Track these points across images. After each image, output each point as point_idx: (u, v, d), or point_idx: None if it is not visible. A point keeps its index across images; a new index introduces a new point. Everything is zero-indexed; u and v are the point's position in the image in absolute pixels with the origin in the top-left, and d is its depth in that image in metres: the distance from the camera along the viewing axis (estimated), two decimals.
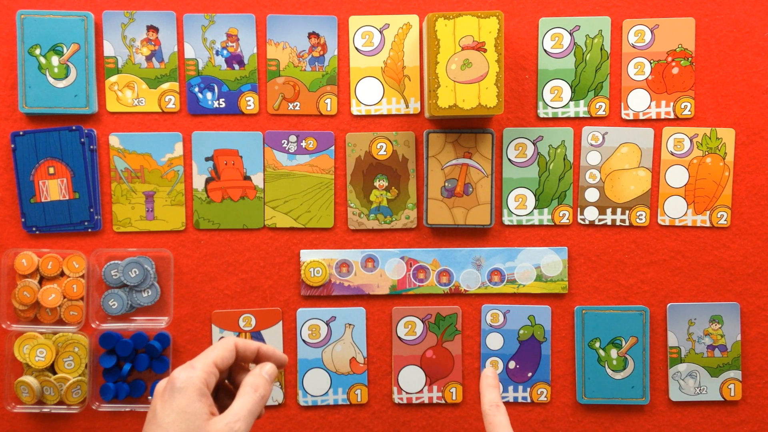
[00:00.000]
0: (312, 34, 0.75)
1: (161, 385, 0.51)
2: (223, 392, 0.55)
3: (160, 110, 0.75)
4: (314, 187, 0.76)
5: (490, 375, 0.61)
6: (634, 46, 0.75)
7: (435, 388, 0.76)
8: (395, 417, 0.76)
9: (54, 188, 0.74)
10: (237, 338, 0.55)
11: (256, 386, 0.52)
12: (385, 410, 0.76)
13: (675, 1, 0.75)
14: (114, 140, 0.75)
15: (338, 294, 0.76)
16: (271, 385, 0.54)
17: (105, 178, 0.75)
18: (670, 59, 0.75)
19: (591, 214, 0.76)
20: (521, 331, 0.76)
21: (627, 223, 0.76)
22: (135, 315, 0.75)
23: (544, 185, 0.76)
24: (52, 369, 0.74)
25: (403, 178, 0.76)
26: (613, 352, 0.75)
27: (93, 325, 0.74)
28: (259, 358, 0.56)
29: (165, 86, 0.75)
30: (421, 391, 0.76)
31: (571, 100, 0.75)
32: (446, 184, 0.75)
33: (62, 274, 0.74)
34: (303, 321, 0.76)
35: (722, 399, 0.76)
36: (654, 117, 0.76)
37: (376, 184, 0.76)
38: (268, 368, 0.54)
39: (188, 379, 0.49)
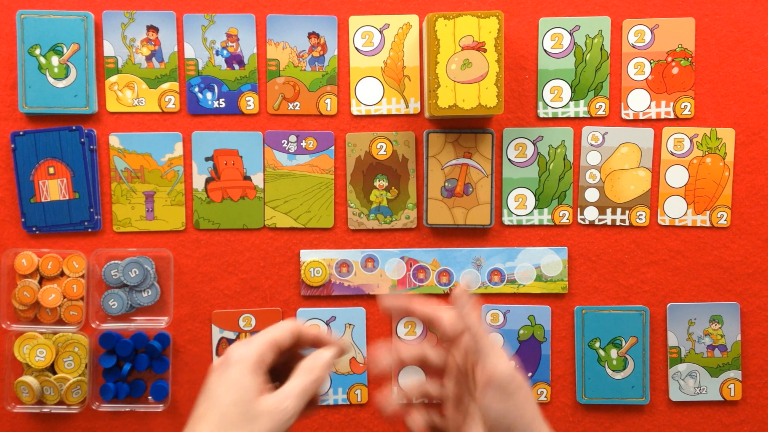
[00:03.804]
0: (312, 34, 0.75)
1: (217, 360, 0.50)
2: (280, 377, 0.54)
3: (160, 110, 0.75)
4: (314, 187, 0.76)
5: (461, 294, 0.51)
6: (634, 46, 0.75)
7: None
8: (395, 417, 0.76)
9: (54, 188, 0.74)
10: (298, 322, 0.54)
11: (311, 369, 0.51)
12: None
13: (675, 1, 0.75)
14: (114, 140, 0.75)
15: (338, 294, 0.76)
16: (327, 370, 0.52)
17: (105, 178, 0.75)
18: (670, 59, 0.75)
19: (591, 214, 0.76)
20: (521, 331, 0.76)
21: (627, 223, 0.76)
22: (135, 315, 0.75)
23: (544, 185, 0.76)
24: (52, 369, 0.74)
25: (403, 178, 0.76)
26: (613, 352, 0.75)
27: (93, 325, 0.74)
28: (318, 345, 0.55)
29: (165, 86, 0.75)
30: None
31: (571, 100, 0.75)
32: (446, 184, 0.75)
33: (62, 274, 0.74)
34: (303, 321, 0.76)
35: (722, 399, 0.76)
36: (654, 117, 0.76)
37: (376, 184, 0.76)
38: (325, 352, 0.53)
39: (243, 353, 0.49)
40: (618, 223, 0.76)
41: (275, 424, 0.48)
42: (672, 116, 0.76)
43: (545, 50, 0.75)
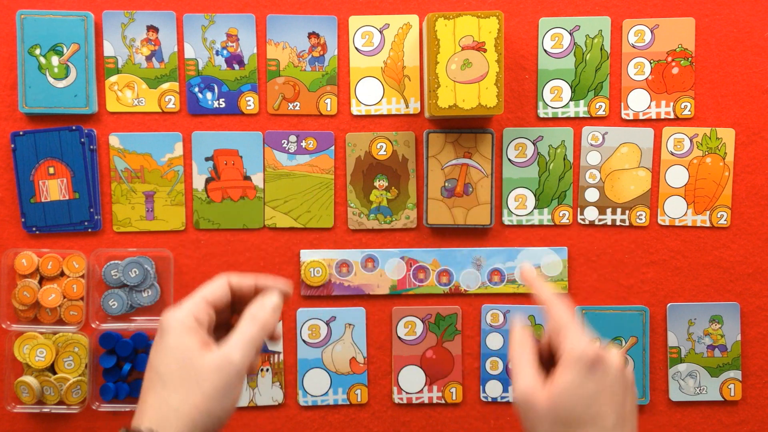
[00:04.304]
0: (312, 34, 0.75)
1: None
2: (227, 333, 0.52)
3: (160, 110, 0.75)
4: (314, 187, 0.76)
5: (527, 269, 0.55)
6: (634, 46, 0.75)
7: (435, 388, 0.76)
8: (395, 417, 0.76)
9: (54, 188, 0.74)
10: (231, 275, 0.52)
11: (254, 315, 0.49)
12: (385, 410, 0.76)
13: (675, 1, 0.75)
14: (114, 140, 0.75)
15: (338, 294, 0.76)
16: (275, 315, 0.50)
17: (105, 178, 0.75)
18: (670, 59, 0.75)
19: (591, 214, 0.76)
20: None
21: (627, 223, 0.76)
22: (135, 315, 0.75)
23: (544, 185, 0.76)
24: (52, 369, 0.74)
25: (403, 178, 0.76)
26: None
27: (93, 325, 0.74)
28: (260, 293, 0.53)
29: (165, 86, 0.75)
30: (421, 391, 0.76)
31: (571, 100, 0.75)
32: (446, 184, 0.75)
33: (62, 274, 0.74)
34: (303, 321, 0.76)
35: (722, 399, 0.76)
36: (654, 117, 0.76)
37: (376, 184, 0.76)
38: (268, 298, 0.51)
39: (173, 318, 0.47)
40: (618, 223, 0.76)
41: (224, 377, 0.46)
42: (672, 116, 0.76)
43: (545, 50, 0.75)
